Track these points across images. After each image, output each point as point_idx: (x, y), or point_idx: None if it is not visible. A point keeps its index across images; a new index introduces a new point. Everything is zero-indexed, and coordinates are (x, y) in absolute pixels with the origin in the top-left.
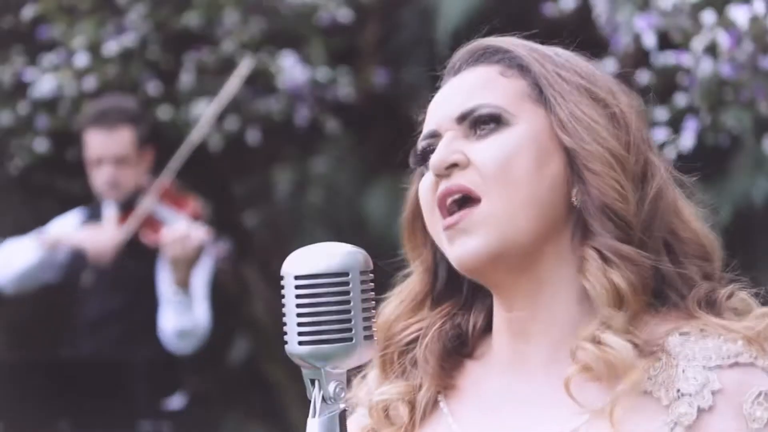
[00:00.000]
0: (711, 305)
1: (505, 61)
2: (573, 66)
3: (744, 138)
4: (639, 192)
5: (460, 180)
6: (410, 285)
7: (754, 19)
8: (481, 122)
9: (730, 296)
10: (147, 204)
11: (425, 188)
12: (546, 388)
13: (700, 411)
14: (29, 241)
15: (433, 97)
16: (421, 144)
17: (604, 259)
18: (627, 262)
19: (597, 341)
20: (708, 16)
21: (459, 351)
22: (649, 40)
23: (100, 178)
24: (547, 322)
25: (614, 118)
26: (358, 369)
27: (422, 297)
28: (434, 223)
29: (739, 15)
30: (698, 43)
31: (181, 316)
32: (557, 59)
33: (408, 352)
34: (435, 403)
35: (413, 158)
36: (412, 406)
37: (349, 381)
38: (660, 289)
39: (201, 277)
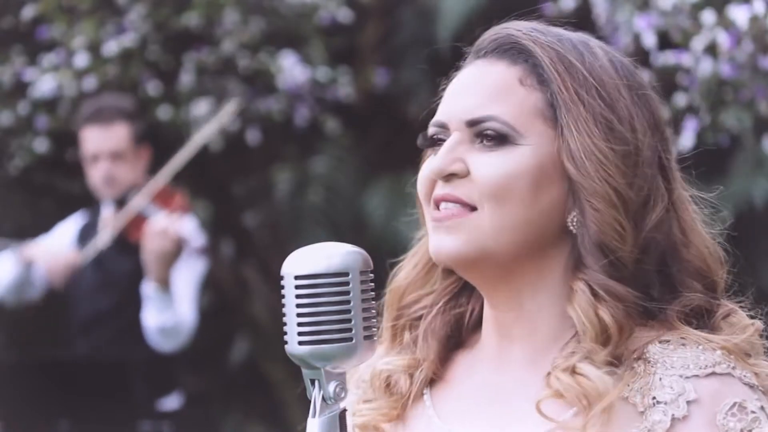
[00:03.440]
0: (704, 320)
1: (528, 67)
2: (597, 81)
3: (744, 138)
4: (639, 224)
5: (457, 191)
6: (423, 246)
7: (754, 19)
8: (489, 135)
9: (727, 315)
10: (137, 202)
11: (424, 176)
12: (526, 387)
13: (674, 420)
14: (8, 257)
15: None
16: (430, 129)
17: (594, 294)
18: (616, 300)
19: (573, 371)
20: (708, 16)
21: (455, 338)
22: (649, 40)
23: (96, 173)
24: (530, 329)
25: (626, 155)
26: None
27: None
28: (427, 211)
29: (739, 15)
30: (698, 42)
31: (162, 313)
32: (582, 73)
33: (416, 326)
34: (420, 394)
35: (422, 140)
36: (411, 380)
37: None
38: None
39: (186, 275)
